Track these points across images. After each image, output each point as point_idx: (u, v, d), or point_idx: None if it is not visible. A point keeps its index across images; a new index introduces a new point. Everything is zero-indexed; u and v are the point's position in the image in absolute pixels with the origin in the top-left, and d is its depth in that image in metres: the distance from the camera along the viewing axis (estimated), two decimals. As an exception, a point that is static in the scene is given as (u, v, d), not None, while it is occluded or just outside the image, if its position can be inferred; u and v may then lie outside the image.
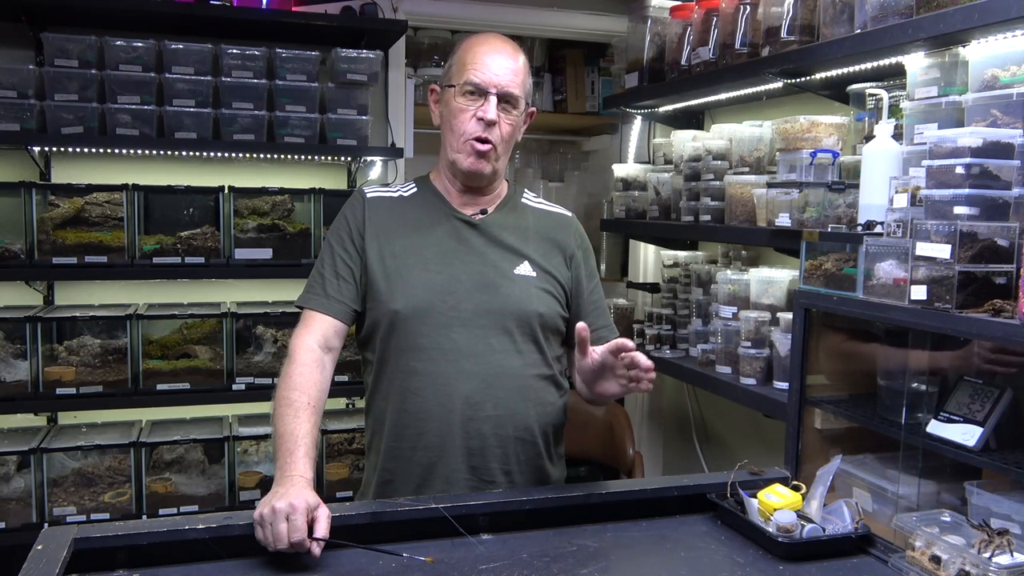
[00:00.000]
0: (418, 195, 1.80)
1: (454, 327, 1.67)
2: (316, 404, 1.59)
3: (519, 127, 1.75)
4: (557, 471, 1.80)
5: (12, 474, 2.71)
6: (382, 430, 1.71)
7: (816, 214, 2.17)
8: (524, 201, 1.84)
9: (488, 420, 1.66)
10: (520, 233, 1.77)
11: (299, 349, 1.64)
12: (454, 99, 1.69)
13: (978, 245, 1.50)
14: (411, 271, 1.69)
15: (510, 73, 1.68)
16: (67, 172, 2.99)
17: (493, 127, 1.67)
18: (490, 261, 1.72)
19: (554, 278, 1.76)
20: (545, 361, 1.74)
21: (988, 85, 1.71)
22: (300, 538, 1.32)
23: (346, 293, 1.70)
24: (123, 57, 2.80)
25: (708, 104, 3.14)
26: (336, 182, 3.32)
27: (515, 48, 1.73)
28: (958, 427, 1.61)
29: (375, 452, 1.75)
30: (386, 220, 1.74)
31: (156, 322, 2.87)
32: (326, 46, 3.03)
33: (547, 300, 1.73)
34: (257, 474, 2.90)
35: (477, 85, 1.66)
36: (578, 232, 1.86)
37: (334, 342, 1.69)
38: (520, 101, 1.71)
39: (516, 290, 1.70)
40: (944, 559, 1.31)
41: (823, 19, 2.16)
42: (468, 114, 1.67)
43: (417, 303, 1.67)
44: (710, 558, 1.43)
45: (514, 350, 1.69)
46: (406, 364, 1.67)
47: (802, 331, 1.91)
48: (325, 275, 1.72)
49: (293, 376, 1.60)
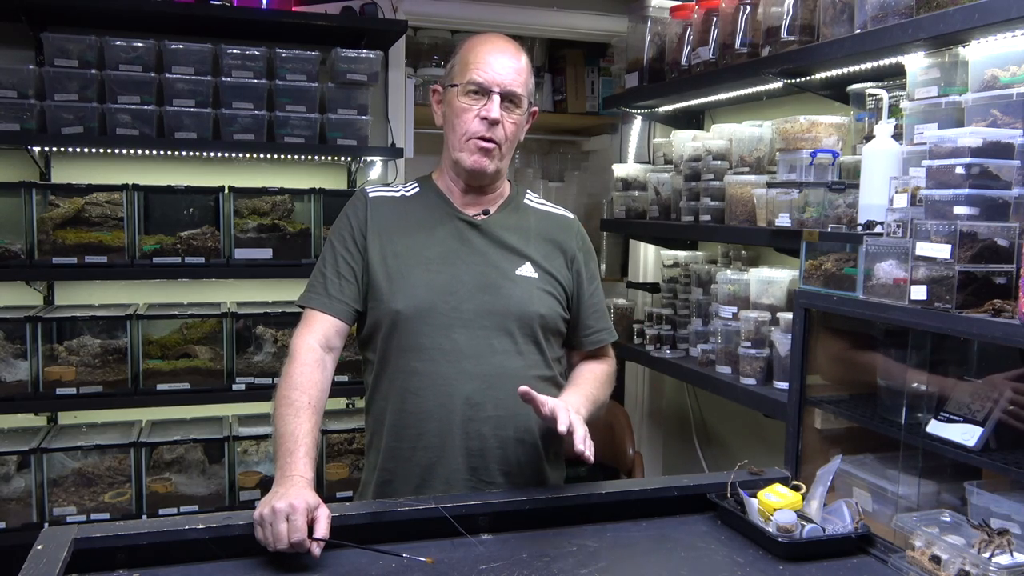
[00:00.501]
0: (420, 195, 1.80)
1: (455, 328, 1.66)
2: (317, 404, 1.59)
3: (522, 126, 1.75)
4: (556, 472, 1.80)
5: (12, 474, 2.71)
6: (382, 430, 1.71)
7: (816, 214, 2.17)
8: (526, 202, 1.84)
9: (488, 421, 1.66)
10: (522, 234, 1.77)
11: (300, 349, 1.64)
12: (457, 99, 1.68)
13: (978, 245, 1.50)
14: (413, 271, 1.69)
15: (513, 72, 1.68)
16: (67, 172, 2.99)
17: (496, 126, 1.67)
18: (492, 262, 1.72)
19: (555, 279, 1.76)
20: (546, 362, 1.74)
21: (988, 85, 1.71)
22: (300, 538, 1.32)
23: (347, 293, 1.70)
24: (123, 57, 2.80)
25: (708, 104, 3.14)
26: (336, 182, 3.32)
27: (518, 48, 1.73)
28: (958, 427, 1.61)
29: (375, 452, 1.75)
30: (388, 220, 1.74)
31: (156, 322, 2.87)
32: (326, 46, 3.03)
33: (548, 301, 1.73)
34: (257, 474, 2.90)
35: (480, 84, 1.66)
36: (580, 234, 1.85)
37: (335, 342, 1.69)
38: (523, 100, 1.70)
39: (518, 291, 1.70)
40: (944, 559, 1.31)
41: (823, 19, 2.16)
42: (471, 113, 1.67)
43: (418, 303, 1.66)
44: (710, 558, 1.43)
45: (515, 351, 1.69)
46: (407, 364, 1.67)
47: (802, 331, 1.91)
48: (327, 274, 1.71)
49: (294, 376, 1.60)
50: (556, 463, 1.81)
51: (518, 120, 1.71)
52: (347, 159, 3.26)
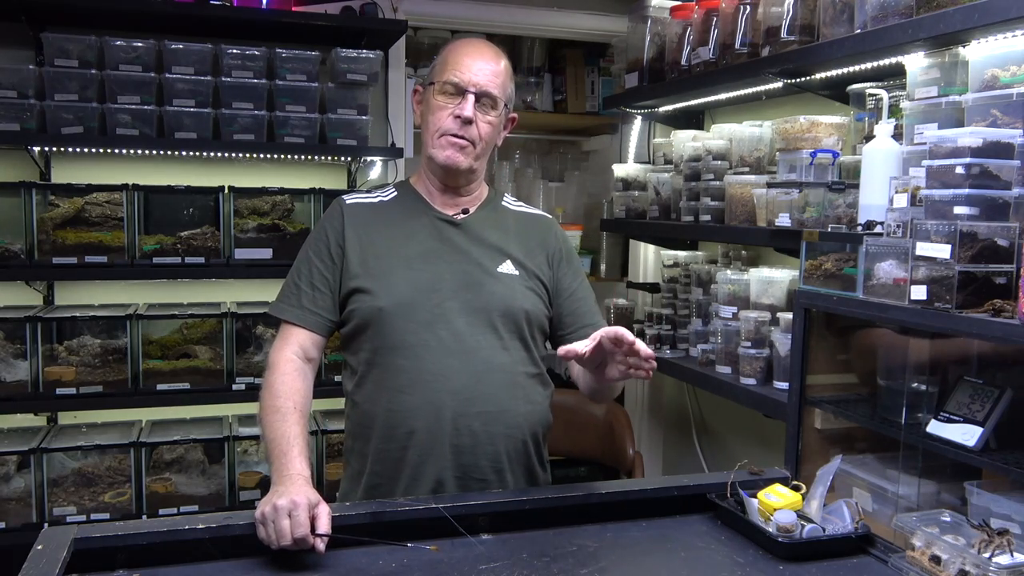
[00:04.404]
0: (398, 199, 1.81)
1: (440, 324, 1.67)
2: (302, 409, 1.60)
3: (498, 130, 1.75)
4: (544, 474, 1.80)
5: (12, 474, 2.71)
6: (369, 433, 1.69)
7: (816, 214, 2.17)
8: (504, 204, 1.86)
9: (478, 417, 1.66)
10: (502, 232, 1.78)
11: (279, 360, 1.66)
12: (433, 97, 1.71)
13: (978, 245, 1.50)
14: (395, 269, 1.69)
15: (490, 74, 1.69)
16: (67, 172, 2.99)
17: (470, 125, 1.68)
18: (473, 259, 1.72)
19: (537, 277, 1.77)
20: (532, 359, 1.74)
21: (988, 85, 1.71)
22: (304, 533, 1.32)
23: (321, 304, 1.71)
24: (123, 57, 2.80)
25: (708, 104, 3.14)
26: (336, 182, 3.31)
27: (498, 53, 1.75)
28: (958, 427, 1.61)
29: (358, 459, 1.73)
30: (367, 224, 1.75)
31: (156, 322, 2.87)
32: (326, 46, 3.03)
33: (532, 298, 1.74)
34: (257, 474, 2.90)
35: (456, 84, 1.68)
36: (558, 232, 1.87)
37: (313, 353, 1.71)
38: (499, 102, 1.71)
39: (500, 287, 1.71)
40: (944, 559, 1.31)
41: (823, 19, 2.16)
42: (446, 112, 1.69)
43: (401, 300, 1.67)
44: (710, 558, 1.43)
45: (501, 347, 1.69)
46: (392, 362, 1.67)
47: (802, 331, 1.91)
48: (301, 286, 1.72)
49: (275, 385, 1.62)
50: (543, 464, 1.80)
51: (493, 121, 1.72)
52: (347, 159, 3.26)
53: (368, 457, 1.70)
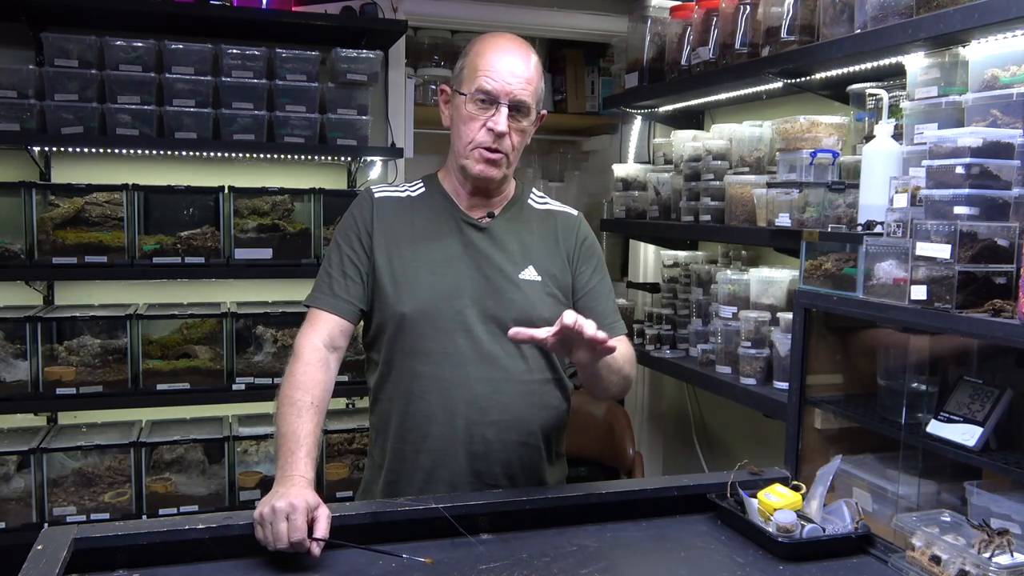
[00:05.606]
0: (426, 195, 1.79)
1: (459, 332, 1.66)
2: (320, 404, 1.59)
3: (529, 132, 1.73)
4: (558, 471, 1.80)
5: (12, 474, 2.71)
6: (387, 431, 1.72)
7: (816, 214, 2.17)
8: (530, 202, 1.83)
9: (492, 425, 1.66)
10: (526, 236, 1.76)
11: (304, 348, 1.64)
12: (464, 106, 1.66)
13: (978, 245, 1.50)
14: (418, 274, 1.69)
15: (523, 81, 1.64)
16: (67, 172, 2.99)
17: (503, 138, 1.65)
18: (496, 265, 1.71)
19: (558, 281, 1.76)
20: (551, 365, 1.74)
21: (988, 85, 1.71)
22: (300, 537, 1.32)
23: (353, 292, 1.70)
24: (123, 57, 2.80)
25: (708, 104, 3.14)
26: (336, 182, 3.31)
27: (528, 50, 1.70)
28: (958, 427, 1.61)
29: (379, 452, 1.75)
30: (394, 222, 1.74)
31: (156, 322, 2.86)
32: (326, 46, 3.03)
33: (552, 305, 1.72)
34: (257, 474, 2.90)
35: (488, 93, 1.63)
36: (580, 229, 1.84)
37: (340, 341, 1.69)
38: (532, 110, 1.68)
39: (521, 296, 1.70)
40: (944, 559, 1.31)
41: (823, 19, 2.16)
42: (478, 123, 1.65)
43: (423, 306, 1.66)
44: (710, 558, 1.43)
45: (519, 355, 1.69)
46: (411, 367, 1.67)
47: (802, 331, 1.91)
48: (332, 274, 1.71)
49: (297, 375, 1.60)
50: (558, 463, 1.81)
51: (525, 128, 1.69)
52: (347, 159, 3.26)
53: (386, 454, 1.72)
